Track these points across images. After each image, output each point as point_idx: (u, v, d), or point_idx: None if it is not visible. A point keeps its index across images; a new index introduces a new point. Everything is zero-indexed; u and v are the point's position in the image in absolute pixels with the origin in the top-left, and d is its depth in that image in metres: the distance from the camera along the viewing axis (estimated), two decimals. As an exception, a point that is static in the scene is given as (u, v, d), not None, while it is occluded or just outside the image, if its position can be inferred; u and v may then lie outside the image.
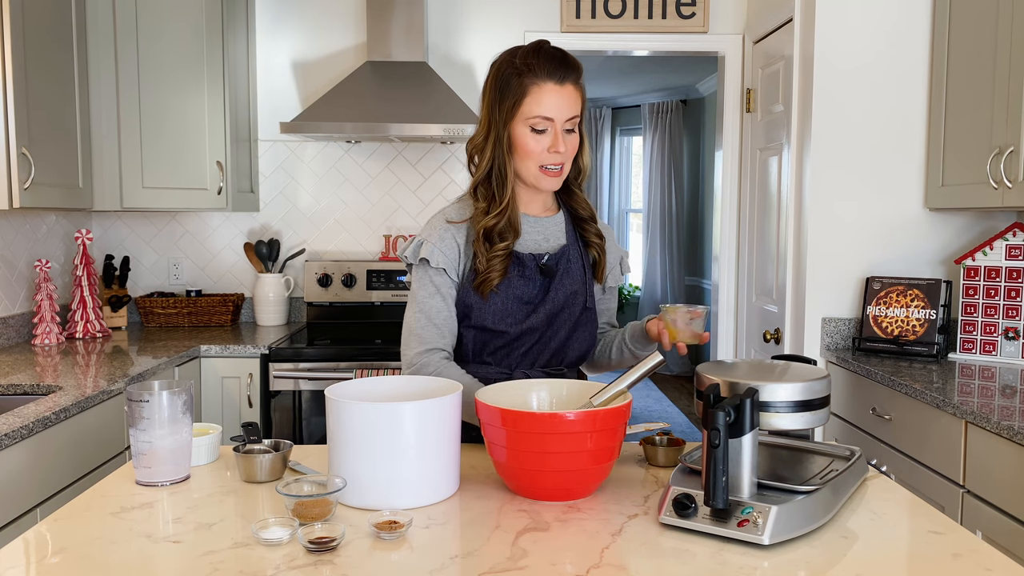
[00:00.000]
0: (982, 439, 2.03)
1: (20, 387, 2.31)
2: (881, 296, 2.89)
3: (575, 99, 1.59)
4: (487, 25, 3.69)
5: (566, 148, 1.59)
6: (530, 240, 1.69)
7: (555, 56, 1.58)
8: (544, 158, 1.59)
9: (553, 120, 1.57)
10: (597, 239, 1.74)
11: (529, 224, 1.70)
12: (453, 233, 1.65)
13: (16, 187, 2.50)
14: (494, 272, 1.61)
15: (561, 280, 1.67)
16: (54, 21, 2.79)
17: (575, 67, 1.60)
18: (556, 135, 1.58)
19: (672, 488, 1.21)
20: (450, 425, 1.32)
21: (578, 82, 1.60)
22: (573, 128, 1.61)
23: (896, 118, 2.94)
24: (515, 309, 1.64)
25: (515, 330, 1.64)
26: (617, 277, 1.83)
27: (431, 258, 1.62)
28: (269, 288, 3.56)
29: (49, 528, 1.20)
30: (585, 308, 1.70)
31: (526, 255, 1.66)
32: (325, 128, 3.25)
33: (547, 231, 1.72)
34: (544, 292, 1.67)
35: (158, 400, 1.35)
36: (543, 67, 1.56)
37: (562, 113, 1.57)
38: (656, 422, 1.58)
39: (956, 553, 1.11)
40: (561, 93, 1.57)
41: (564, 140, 1.58)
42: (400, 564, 1.09)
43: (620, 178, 8.06)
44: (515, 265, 1.65)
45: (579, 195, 1.74)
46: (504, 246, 1.62)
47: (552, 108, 1.56)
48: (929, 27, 2.91)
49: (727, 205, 3.82)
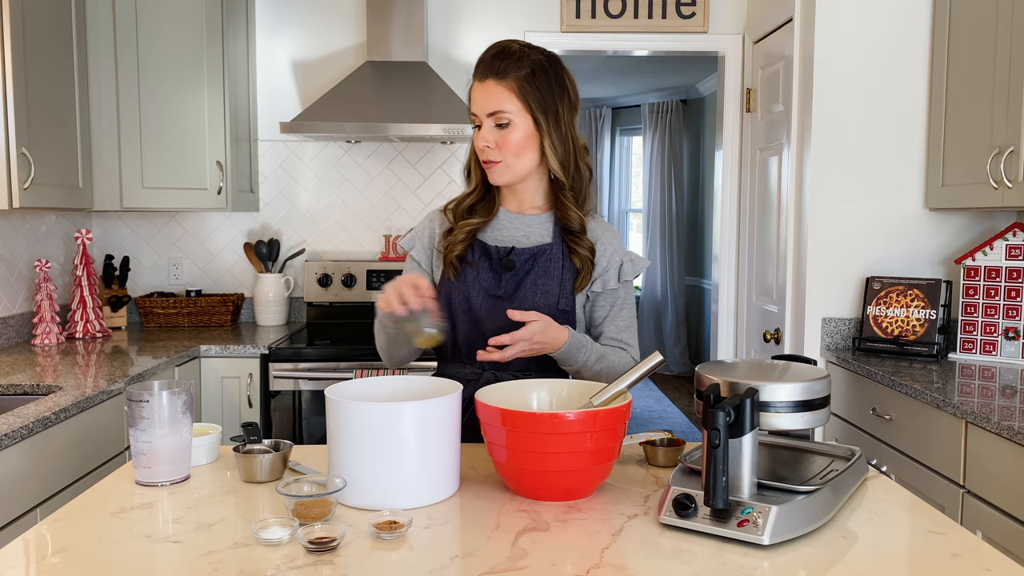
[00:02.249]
0: (982, 439, 2.03)
1: (20, 387, 2.31)
2: (881, 296, 2.89)
3: (496, 95, 1.60)
4: (487, 25, 3.69)
5: (492, 142, 1.62)
6: (506, 234, 1.71)
7: (487, 53, 1.63)
8: (481, 153, 1.66)
9: (477, 115, 1.63)
10: (587, 252, 1.69)
11: (509, 220, 1.72)
12: (433, 220, 1.77)
13: (16, 187, 2.50)
14: (454, 247, 1.68)
15: (535, 279, 1.66)
16: (54, 21, 2.79)
17: (501, 60, 1.61)
18: (482, 129, 1.63)
19: (672, 488, 1.21)
20: (450, 425, 1.31)
21: (502, 78, 1.60)
22: (504, 124, 1.61)
23: (896, 118, 2.94)
24: (481, 302, 1.66)
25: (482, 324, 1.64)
26: (608, 282, 1.71)
27: (412, 250, 1.78)
28: (269, 288, 3.56)
29: (49, 528, 1.20)
30: (559, 311, 1.65)
31: (492, 247, 1.68)
32: (325, 128, 3.25)
33: (529, 228, 1.71)
34: (513, 289, 1.66)
35: (158, 400, 1.35)
36: (477, 66, 1.64)
37: (481, 107, 1.62)
38: (658, 430, 1.58)
39: (956, 553, 1.11)
40: (481, 90, 1.62)
41: (489, 134, 1.62)
42: (400, 564, 1.09)
43: (620, 178, 8.06)
44: (484, 257, 1.68)
45: (567, 205, 1.69)
46: (472, 222, 1.69)
47: (474, 103, 1.64)
48: (929, 27, 2.91)
49: (727, 205, 3.82)
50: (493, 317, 1.63)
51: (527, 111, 1.61)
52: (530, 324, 1.53)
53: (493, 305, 1.65)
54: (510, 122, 1.61)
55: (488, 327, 1.63)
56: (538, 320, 1.54)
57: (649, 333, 7.66)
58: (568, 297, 1.67)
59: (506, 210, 1.73)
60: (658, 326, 7.62)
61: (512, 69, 1.60)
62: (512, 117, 1.61)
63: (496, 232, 1.72)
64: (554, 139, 1.63)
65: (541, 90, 1.61)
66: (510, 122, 1.61)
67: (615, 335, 1.72)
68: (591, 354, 1.65)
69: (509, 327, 1.57)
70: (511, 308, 1.60)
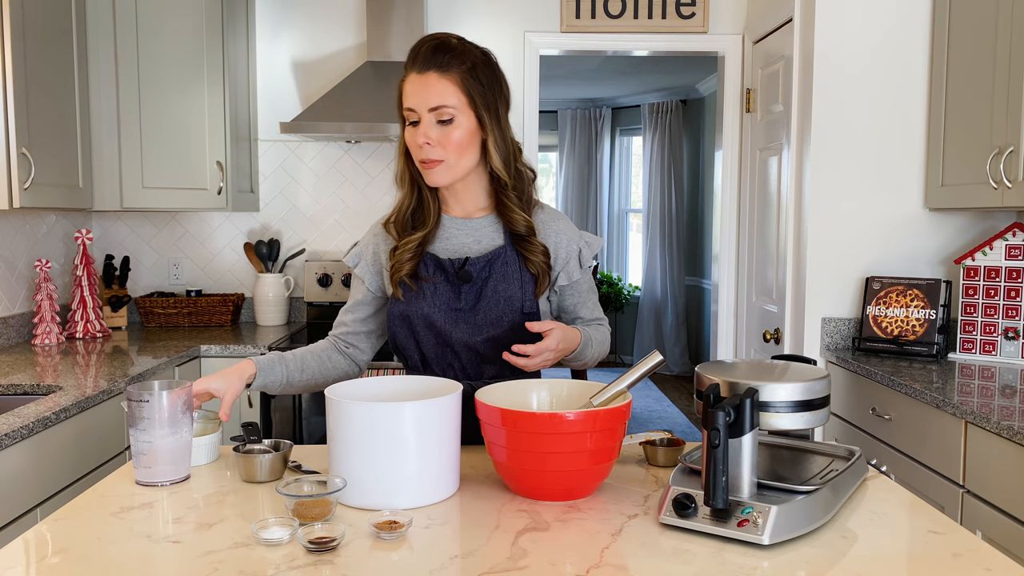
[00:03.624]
0: (982, 439, 2.03)
1: (20, 387, 2.31)
2: (881, 296, 2.89)
3: (439, 88, 1.50)
4: (487, 25, 3.69)
5: (434, 140, 1.51)
6: (457, 243, 1.63)
7: (422, 45, 1.52)
8: (417, 152, 1.54)
9: (414, 110, 1.51)
10: (541, 256, 1.61)
11: (456, 226, 1.64)
12: (377, 236, 1.69)
13: (16, 187, 2.50)
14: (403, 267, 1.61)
15: (495, 287, 1.59)
16: (54, 21, 2.79)
17: (443, 54, 1.51)
18: (422, 125, 1.51)
19: (672, 488, 1.21)
20: (450, 425, 1.32)
21: (446, 71, 1.50)
22: (448, 120, 1.51)
23: (896, 118, 2.94)
24: (444, 317, 1.59)
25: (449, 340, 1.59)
26: (572, 273, 1.67)
27: (356, 267, 1.72)
28: (269, 288, 3.56)
29: (49, 528, 1.20)
30: (524, 314, 1.60)
31: (445, 260, 1.61)
32: (325, 128, 3.25)
33: (478, 232, 1.64)
34: (475, 299, 1.60)
35: (158, 400, 1.35)
36: (409, 58, 1.53)
37: (422, 101, 1.50)
38: (658, 430, 1.58)
39: (956, 553, 1.11)
40: (420, 82, 1.50)
41: (430, 131, 1.51)
42: (400, 564, 1.09)
43: (620, 178, 8.06)
44: (439, 271, 1.60)
45: (510, 207, 1.61)
46: (415, 238, 1.61)
47: (410, 97, 1.52)
48: (929, 27, 2.91)
49: (727, 205, 3.82)
50: (459, 330, 1.60)
51: (471, 107, 1.52)
52: (551, 333, 1.50)
53: (457, 318, 1.60)
54: (453, 118, 1.51)
55: (456, 339, 1.60)
56: (555, 327, 1.51)
57: (649, 333, 7.66)
58: (531, 299, 1.61)
59: (451, 216, 1.65)
60: (658, 326, 7.62)
61: (455, 63, 1.51)
62: (455, 113, 1.51)
63: (446, 242, 1.64)
64: (497, 137, 1.56)
65: (484, 85, 1.53)
66: (453, 118, 1.51)
67: (590, 316, 1.72)
68: (593, 343, 1.65)
69: (478, 338, 1.58)
70: (474, 320, 1.58)
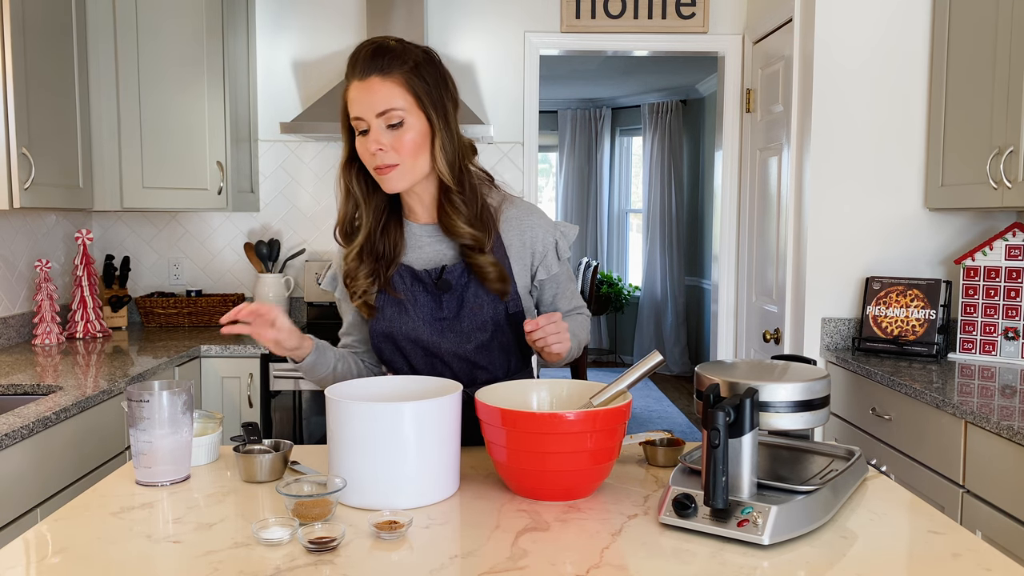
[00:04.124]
0: (982, 439, 2.03)
1: (20, 387, 2.31)
2: (881, 296, 2.89)
3: (384, 92, 1.45)
4: (487, 26, 3.69)
5: (387, 145, 1.46)
6: (431, 251, 1.59)
7: (361, 51, 1.48)
8: (371, 160, 1.48)
9: (362, 118, 1.46)
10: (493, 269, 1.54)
11: (427, 233, 1.60)
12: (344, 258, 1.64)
13: (16, 187, 2.50)
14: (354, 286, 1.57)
15: (476, 291, 1.56)
16: (54, 21, 2.79)
17: (382, 57, 1.46)
18: (371, 132, 1.46)
19: (672, 488, 1.21)
20: (450, 425, 1.32)
21: (387, 74, 1.45)
22: (398, 123, 1.46)
23: (896, 118, 2.94)
24: (427, 328, 1.57)
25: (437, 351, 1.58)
26: (551, 266, 1.63)
27: (328, 287, 1.70)
28: (269, 288, 3.56)
29: (49, 528, 1.21)
30: (509, 315, 1.58)
31: (422, 271, 1.57)
32: (325, 128, 3.25)
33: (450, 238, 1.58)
34: (458, 307, 1.57)
35: (158, 400, 1.35)
36: (349, 66, 1.48)
37: (367, 108, 1.45)
38: (658, 430, 1.58)
39: (956, 553, 1.12)
40: (363, 89, 1.46)
41: (381, 136, 1.46)
42: (400, 564, 1.09)
43: (620, 178, 8.06)
44: (417, 283, 1.57)
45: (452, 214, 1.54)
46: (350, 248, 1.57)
47: (356, 105, 1.47)
48: (929, 27, 2.91)
49: (727, 205, 3.82)
50: (447, 340, 1.57)
51: (419, 108, 1.48)
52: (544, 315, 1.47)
53: (443, 328, 1.57)
54: (403, 121, 1.46)
55: (445, 350, 1.58)
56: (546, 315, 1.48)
57: (649, 333, 7.66)
58: (515, 298, 1.59)
59: (419, 224, 1.60)
60: (658, 326, 7.62)
61: (396, 64, 1.46)
62: (404, 115, 1.46)
63: (419, 251, 1.60)
64: (444, 138, 1.51)
65: (428, 84, 1.49)
66: (403, 121, 1.46)
67: (569, 307, 1.70)
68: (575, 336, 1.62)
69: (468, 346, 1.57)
70: (460, 327, 1.57)
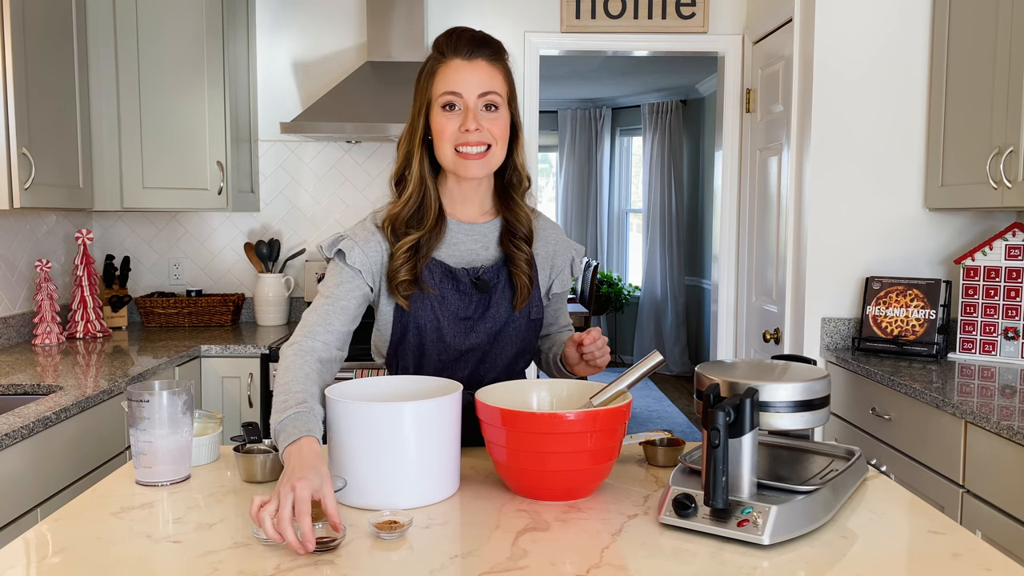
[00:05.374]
0: (982, 439, 2.03)
1: (20, 387, 2.31)
2: (881, 296, 2.89)
3: (489, 75, 1.48)
4: (487, 25, 3.67)
5: (484, 126, 1.47)
6: (465, 249, 1.57)
7: (464, 34, 1.50)
8: (458, 138, 1.47)
9: (461, 95, 1.46)
10: (525, 264, 1.57)
11: (464, 232, 1.57)
12: (380, 236, 1.55)
13: (16, 187, 2.50)
14: (399, 271, 1.50)
15: (504, 293, 1.56)
16: (55, 21, 2.79)
17: (488, 44, 1.50)
18: (468, 111, 1.47)
19: (672, 488, 1.21)
20: (450, 425, 1.32)
21: (494, 60, 1.49)
22: (494, 106, 1.48)
23: (896, 118, 2.94)
24: (452, 327, 1.55)
25: (454, 350, 1.56)
26: (565, 281, 1.67)
27: (348, 255, 1.52)
28: (269, 288, 3.56)
29: (49, 528, 1.21)
30: (531, 320, 1.59)
31: (459, 269, 1.55)
32: (325, 128, 3.25)
33: (486, 239, 1.58)
34: (484, 308, 1.56)
35: (158, 400, 1.35)
36: (451, 46, 1.49)
37: (471, 87, 1.46)
38: (658, 430, 1.58)
39: (956, 553, 1.12)
40: (469, 67, 1.47)
41: (480, 117, 1.47)
42: (400, 564, 1.09)
43: (620, 178, 8.06)
44: (448, 279, 1.54)
45: (519, 205, 1.57)
46: (410, 240, 1.51)
47: (458, 82, 1.46)
48: (929, 27, 2.91)
49: (727, 205, 3.82)
50: (465, 339, 1.56)
51: (509, 101, 1.52)
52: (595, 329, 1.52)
53: (463, 328, 1.56)
54: (499, 107, 1.49)
55: (461, 348, 1.57)
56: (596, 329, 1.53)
57: (649, 333, 7.66)
58: (538, 305, 1.60)
59: (456, 221, 1.58)
60: (658, 326, 7.62)
61: (501, 55, 1.51)
62: (501, 102, 1.49)
63: (452, 248, 1.57)
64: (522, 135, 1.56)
65: (514, 84, 1.55)
66: (499, 107, 1.49)
67: (565, 323, 1.76)
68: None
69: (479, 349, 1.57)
70: (483, 328, 1.56)
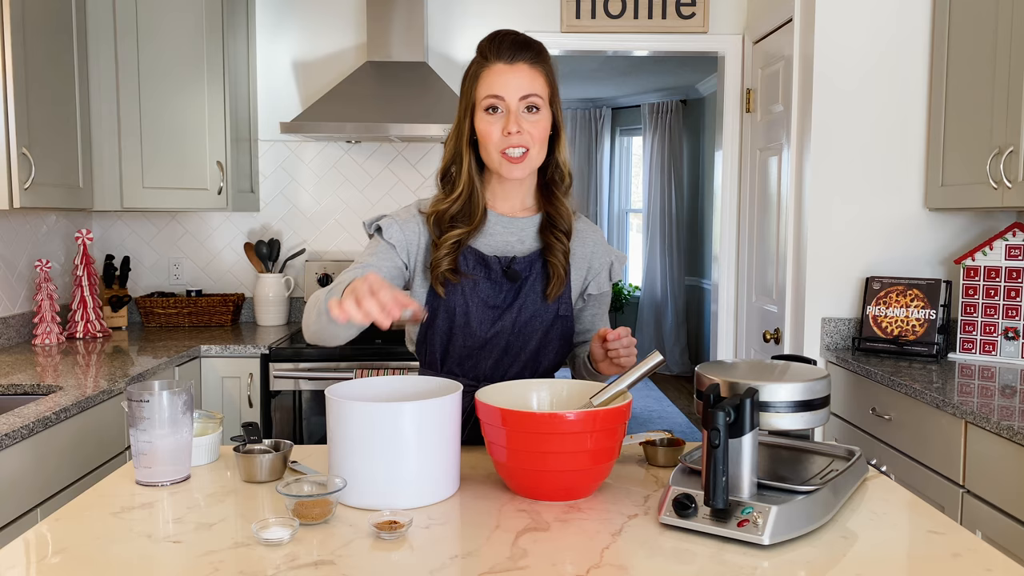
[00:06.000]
0: (982, 439, 2.03)
1: (20, 387, 2.31)
2: (881, 296, 2.89)
3: (530, 77, 1.53)
4: (487, 25, 3.68)
5: (525, 129, 1.52)
6: (501, 240, 1.63)
7: (506, 38, 1.54)
8: (502, 142, 1.53)
9: (503, 98, 1.51)
10: (562, 256, 1.61)
11: (502, 224, 1.63)
12: (421, 221, 1.63)
13: (16, 187, 2.50)
14: (442, 262, 1.56)
15: (533, 285, 1.60)
16: (54, 21, 2.79)
17: (529, 48, 1.54)
18: (510, 114, 1.52)
19: (672, 488, 1.21)
20: (450, 425, 1.32)
21: (535, 63, 1.54)
22: (535, 108, 1.53)
23: (896, 118, 2.94)
24: (480, 314, 1.58)
25: (479, 337, 1.59)
26: (602, 284, 1.71)
27: (386, 231, 1.60)
28: (269, 288, 3.56)
29: (49, 528, 1.21)
30: (558, 316, 1.62)
31: (491, 257, 1.60)
32: (325, 128, 3.25)
33: (523, 232, 1.64)
34: (513, 297, 1.60)
35: (158, 400, 1.35)
36: (493, 50, 1.54)
37: (512, 90, 1.51)
38: (658, 430, 1.58)
39: (956, 553, 1.12)
40: (510, 71, 1.52)
41: (521, 120, 1.52)
42: (400, 564, 1.09)
43: (620, 178, 8.06)
44: (481, 267, 1.59)
45: (561, 201, 1.63)
46: (455, 234, 1.57)
47: (500, 85, 1.52)
48: (929, 27, 2.91)
49: (727, 205, 3.82)
50: (491, 328, 1.60)
51: (551, 102, 1.56)
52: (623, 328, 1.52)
53: (491, 316, 1.60)
54: (540, 109, 1.54)
55: (486, 337, 1.60)
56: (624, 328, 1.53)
57: (649, 333, 7.66)
58: (567, 302, 1.64)
59: (496, 213, 1.64)
60: (658, 326, 7.62)
61: (542, 57, 1.55)
62: (542, 105, 1.54)
63: (489, 238, 1.62)
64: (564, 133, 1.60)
65: (556, 84, 1.58)
66: (540, 109, 1.54)
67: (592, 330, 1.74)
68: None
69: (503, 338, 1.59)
70: (510, 317, 1.59)
